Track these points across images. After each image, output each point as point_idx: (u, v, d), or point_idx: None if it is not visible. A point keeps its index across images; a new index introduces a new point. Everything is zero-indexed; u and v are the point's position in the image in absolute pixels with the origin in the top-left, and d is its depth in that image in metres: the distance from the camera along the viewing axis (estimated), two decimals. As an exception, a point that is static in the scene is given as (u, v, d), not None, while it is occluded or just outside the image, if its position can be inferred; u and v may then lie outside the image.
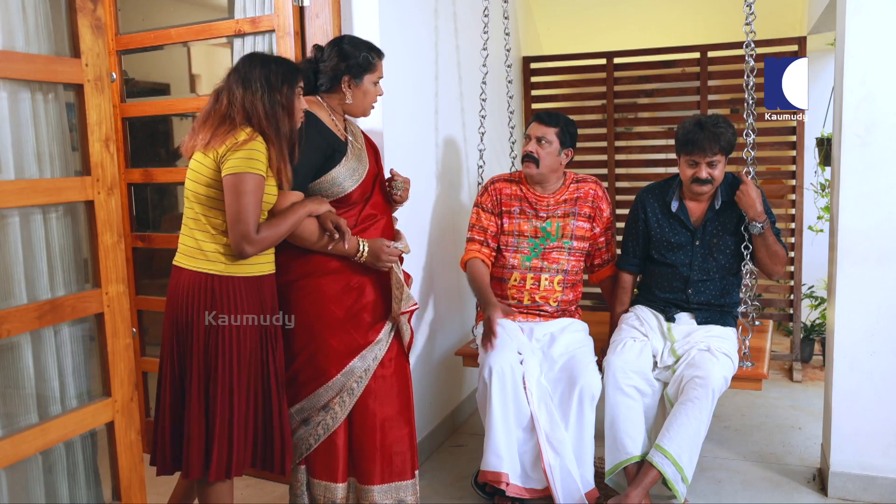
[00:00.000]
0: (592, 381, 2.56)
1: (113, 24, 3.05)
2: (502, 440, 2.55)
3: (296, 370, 2.34)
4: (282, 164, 2.07)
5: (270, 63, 2.09)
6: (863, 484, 2.72)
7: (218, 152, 2.02)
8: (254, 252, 2.04)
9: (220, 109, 2.07)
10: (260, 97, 2.04)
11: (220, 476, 2.07)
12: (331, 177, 2.27)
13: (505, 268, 2.83)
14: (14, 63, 1.70)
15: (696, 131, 2.60)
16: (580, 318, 2.91)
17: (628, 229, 2.91)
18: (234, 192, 1.99)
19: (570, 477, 2.54)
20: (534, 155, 2.75)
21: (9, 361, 1.76)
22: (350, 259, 2.29)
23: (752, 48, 2.59)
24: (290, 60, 2.19)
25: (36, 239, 1.80)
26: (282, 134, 2.06)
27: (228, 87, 2.07)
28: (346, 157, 2.30)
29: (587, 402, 2.55)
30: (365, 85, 2.34)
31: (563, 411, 2.59)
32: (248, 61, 2.09)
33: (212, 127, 2.05)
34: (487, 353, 2.61)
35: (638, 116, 4.53)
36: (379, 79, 2.37)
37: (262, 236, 2.03)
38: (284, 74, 2.08)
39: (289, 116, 2.08)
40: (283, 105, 2.07)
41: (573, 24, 5.21)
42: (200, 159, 2.06)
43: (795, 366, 4.17)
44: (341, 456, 2.36)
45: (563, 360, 2.65)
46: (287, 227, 2.11)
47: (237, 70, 2.09)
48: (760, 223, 2.58)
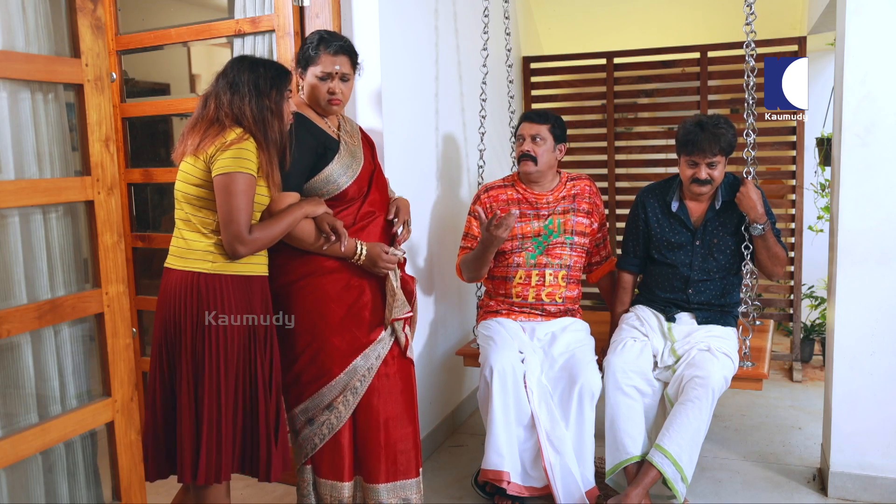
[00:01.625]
0: (592, 380, 2.57)
1: (113, 24, 3.05)
2: (503, 439, 2.56)
3: (299, 370, 2.34)
4: (270, 169, 2.05)
5: (259, 67, 2.07)
6: (863, 484, 2.72)
7: (208, 153, 2.01)
8: (247, 252, 2.04)
9: (209, 115, 2.06)
10: (248, 102, 2.03)
11: (210, 480, 2.06)
12: (325, 174, 2.27)
13: (510, 266, 2.83)
14: (14, 63, 1.70)
15: (696, 132, 2.60)
16: (581, 318, 2.91)
17: (629, 229, 2.91)
18: (225, 192, 1.98)
19: (571, 475, 2.54)
20: (531, 153, 2.77)
21: (9, 361, 1.76)
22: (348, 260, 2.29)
23: (752, 48, 2.59)
24: (279, 63, 2.17)
25: (36, 239, 1.80)
26: (270, 138, 2.05)
27: (216, 93, 2.06)
28: (340, 154, 2.30)
29: (587, 400, 2.56)
30: (308, 77, 2.28)
31: (564, 410, 2.59)
32: (237, 65, 2.08)
33: (201, 131, 2.04)
34: (489, 353, 2.61)
35: (638, 116, 4.53)
36: (325, 73, 2.25)
37: (255, 237, 2.03)
38: (273, 79, 2.07)
39: (278, 121, 2.07)
40: (272, 110, 2.05)
41: (573, 24, 5.21)
42: (191, 161, 2.05)
43: (795, 366, 4.17)
44: (347, 455, 2.36)
45: (564, 358, 2.66)
46: (281, 228, 2.11)
47: (225, 74, 2.07)
48: (761, 224, 2.58)
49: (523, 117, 2.85)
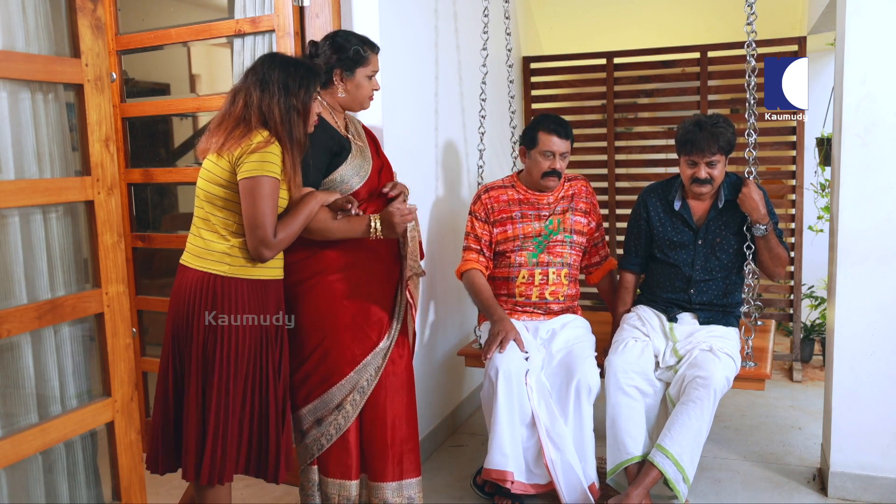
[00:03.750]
0: (590, 375, 2.57)
1: (113, 24, 3.05)
2: (507, 439, 2.56)
3: (308, 370, 2.34)
4: (292, 171, 2.05)
5: (289, 66, 2.07)
6: (863, 484, 2.72)
7: (234, 154, 2.00)
8: (272, 255, 2.04)
9: (236, 112, 2.05)
10: (277, 101, 2.02)
11: (213, 481, 2.06)
12: (338, 175, 2.27)
13: (512, 266, 2.83)
14: (14, 63, 1.70)
15: (694, 131, 2.60)
16: (581, 315, 2.93)
17: (630, 229, 2.91)
18: (250, 197, 1.98)
19: (572, 471, 2.55)
20: (559, 171, 2.79)
21: (9, 361, 1.76)
22: (361, 251, 2.27)
23: (753, 48, 2.59)
24: (309, 63, 2.17)
25: (36, 239, 1.80)
26: (295, 139, 2.05)
27: (246, 89, 2.06)
28: (352, 155, 2.31)
29: (584, 395, 2.57)
30: (357, 78, 2.32)
31: (562, 406, 2.60)
32: (268, 63, 2.07)
33: (226, 130, 2.04)
34: (495, 353, 2.61)
35: (638, 116, 4.53)
36: (373, 72, 2.35)
37: (280, 238, 2.03)
38: (303, 79, 2.07)
39: (304, 121, 2.07)
40: (299, 110, 2.05)
41: (573, 24, 5.21)
42: (214, 160, 2.05)
43: (795, 366, 4.17)
44: (354, 453, 2.37)
45: (561, 355, 2.67)
46: (300, 223, 2.10)
47: (255, 71, 2.07)
48: (764, 225, 2.58)
49: (549, 130, 2.76)
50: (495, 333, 2.64)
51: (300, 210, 2.10)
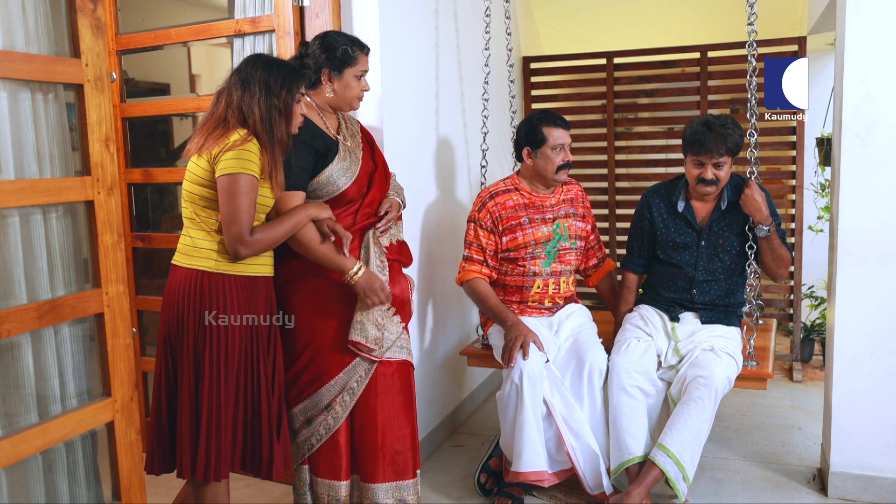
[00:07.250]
0: (599, 359, 2.63)
1: (113, 24, 3.05)
2: (538, 440, 2.58)
3: (298, 370, 2.34)
4: (273, 170, 2.06)
5: (272, 67, 2.08)
6: (863, 484, 2.72)
7: (212, 153, 2.02)
8: (248, 253, 2.04)
9: (218, 112, 2.07)
10: (258, 100, 2.04)
11: (208, 477, 2.06)
12: (325, 175, 2.27)
13: (526, 276, 2.79)
14: (14, 63, 1.70)
15: (703, 132, 2.59)
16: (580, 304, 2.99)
17: (633, 229, 2.91)
18: (227, 193, 1.99)
19: (593, 453, 2.60)
20: (570, 162, 2.79)
21: (9, 361, 1.76)
22: (352, 254, 2.26)
23: (754, 48, 2.59)
24: (294, 65, 2.18)
25: (36, 239, 1.80)
26: (275, 139, 2.05)
27: (228, 89, 2.08)
28: (339, 156, 2.31)
29: (596, 378, 2.62)
30: (346, 78, 2.31)
31: (576, 392, 2.63)
32: (252, 63, 2.09)
33: (207, 130, 2.06)
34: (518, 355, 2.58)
35: (638, 116, 4.53)
36: (363, 73, 2.32)
37: (256, 238, 2.03)
38: (285, 79, 2.07)
39: (286, 122, 2.08)
40: (280, 110, 2.06)
41: (573, 24, 5.21)
42: (195, 160, 2.08)
43: (795, 366, 4.17)
44: (344, 454, 2.36)
45: (569, 343, 2.72)
46: (284, 230, 2.10)
47: (239, 71, 2.09)
48: (767, 226, 2.58)
49: (553, 124, 2.74)
50: (514, 338, 2.60)
51: (287, 218, 2.11)
